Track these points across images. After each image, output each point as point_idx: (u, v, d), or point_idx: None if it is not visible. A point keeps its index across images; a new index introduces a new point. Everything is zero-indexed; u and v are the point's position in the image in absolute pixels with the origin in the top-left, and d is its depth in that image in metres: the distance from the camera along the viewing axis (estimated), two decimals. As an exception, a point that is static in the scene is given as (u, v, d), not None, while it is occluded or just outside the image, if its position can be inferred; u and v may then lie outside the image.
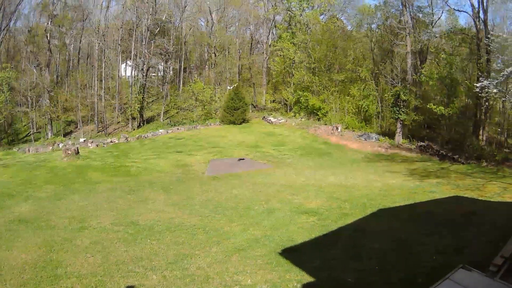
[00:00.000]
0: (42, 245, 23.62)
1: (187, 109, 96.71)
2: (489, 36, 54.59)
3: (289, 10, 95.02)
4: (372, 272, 18.78)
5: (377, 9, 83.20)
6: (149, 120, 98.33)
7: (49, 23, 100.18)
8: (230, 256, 21.62)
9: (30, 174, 49.11)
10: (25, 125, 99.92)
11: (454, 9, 71.59)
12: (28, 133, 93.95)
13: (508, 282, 14.23)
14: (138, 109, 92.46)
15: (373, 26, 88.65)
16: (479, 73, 57.51)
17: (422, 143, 61.87)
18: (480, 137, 60.30)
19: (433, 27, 73.34)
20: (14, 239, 24.70)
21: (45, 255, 22.20)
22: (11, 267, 20.49)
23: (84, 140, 76.16)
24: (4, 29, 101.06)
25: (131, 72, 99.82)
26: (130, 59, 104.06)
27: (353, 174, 44.55)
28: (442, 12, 74.63)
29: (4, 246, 23.46)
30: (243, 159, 51.66)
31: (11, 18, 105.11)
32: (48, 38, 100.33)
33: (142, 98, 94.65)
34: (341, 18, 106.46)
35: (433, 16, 74.14)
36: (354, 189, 36.21)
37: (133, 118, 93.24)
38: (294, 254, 21.42)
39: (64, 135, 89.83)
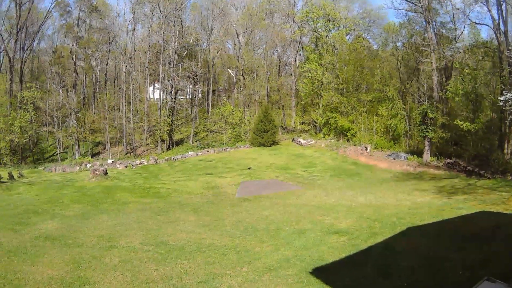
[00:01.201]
0: (69, 261, 23.64)
1: (216, 132, 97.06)
2: (510, 48, 54.80)
3: (315, 31, 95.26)
4: None
5: (401, 26, 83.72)
6: (179, 143, 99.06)
7: (74, 44, 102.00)
8: (261, 276, 21.50)
9: (57, 193, 50.02)
10: (51, 145, 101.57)
11: (475, 22, 71.60)
12: (55, 153, 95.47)
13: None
14: (167, 131, 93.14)
15: (399, 44, 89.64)
16: (502, 86, 57.95)
17: (449, 160, 61.85)
18: (505, 150, 60.07)
19: (456, 42, 73.44)
20: (40, 255, 24.77)
21: (72, 271, 22.25)
22: (36, 281, 20.57)
23: (113, 161, 77.32)
24: (27, 49, 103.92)
25: (160, 95, 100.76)
26: (158, 81, 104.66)
27: (383, 193, 44.70)
28: (464, 26, 74.48)
29: (29, 261, 23.55)
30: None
31: (34, 38, 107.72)
32: (74, 60, 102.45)
33: (171, 120, 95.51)
34: (367, 37, 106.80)
35: (455, 31, 74.42)
36: (383, 208, 36.14)
37: (162, 141, 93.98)
38: (325, 273, 21.30)
39: (92, 156, 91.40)
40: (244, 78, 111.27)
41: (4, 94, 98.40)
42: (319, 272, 21.24)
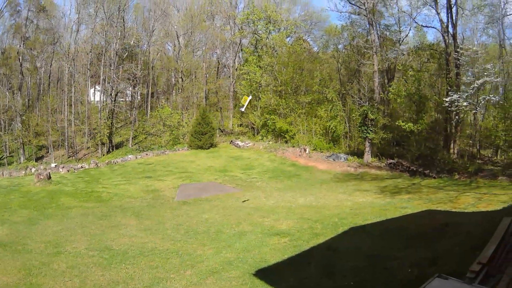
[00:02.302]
0: (21, 268, 23.62)
1: (155, 134, 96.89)
2: (458, 50, 55.93)
3: (255, 34, 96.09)
4: None
5: (344, 29, 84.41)
6: (118, 146, 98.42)
7: (22, 45, 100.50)
8: (204, 279, 21.70)
9: (5, 198, 49.11)
10: None
11: (422, 25, 72.06)
12: (1, 157, 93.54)
13: (487, 287, 14.31)
14: (107, 134, 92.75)
15: (340, 46, 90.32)
16: (448, 88, 59.04)
17: (391, 161, 62.73)
18: (452, 150, 61.24)
19: (400, 44, 74.25)
20: None
21: (24, 278, 22.27)
22: None
23: (56, 165, 76.09)
24: None
25: (100, 97, 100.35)
26: (99, 84, 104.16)
27: (323, 194, 45.05)
28: (410, 29, 75.27)
29: None
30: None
31: None
32: (20, 61, 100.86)
33: (111, 123, 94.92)
34: (308, 39, 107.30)
35: (400, 33, 75.22)
36: (324, 209, 36.45)
37: (103, 144, 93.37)
38: (268, 275, 21.53)
39: (36, 160, 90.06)
40: (183, 80, 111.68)
41: None
42: (262, 274, 21.49)
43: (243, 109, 71.37)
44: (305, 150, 71.27)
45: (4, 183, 60.98)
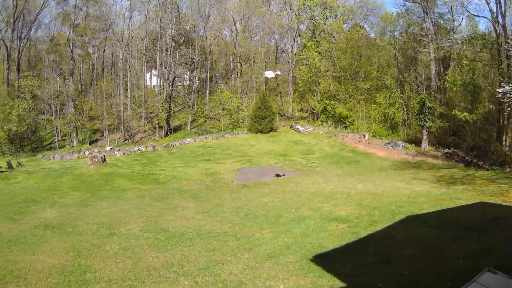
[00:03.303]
0: (69, 250, 24.04)
1: (214, 118, 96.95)
2: (508, 41, 54.47)
3: (312, 19, 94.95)
4: (402, 277, 18.96)
5: (399, 16, 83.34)
6: (176, 129, 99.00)
7: (71, 32, 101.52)
8: (262, 263, 21.83)
9: (56, 181, 50.43)
10: (49, 133, 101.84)
11: (473, 14, 71.37)
12: (53, 141, 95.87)
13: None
14: (165, 118, 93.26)
15: (396, 33, 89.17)
16: (501, 79, 57.74)
17: (447, 150, 61.72)
18: (504, 142, 59.86)
19: (454, 33, 73.35)
20: (40, 244, 25.18)
21: (73, 260, 22.56)
22: (36, 271, 20.79)
23: (111, 148, 77.44)
24: (24, 38, 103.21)
25: (157, 81, 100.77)
26: (155, 68, 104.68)
27: (381, 181, 44.67)
28: (462, 18, 74.00)
29: (29, 250, 23.85)
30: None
31: (31, 27, 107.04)
32: (71, 47, 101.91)
33: (169, 107, 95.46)
34: (364, 26, 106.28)
35: (453, 22, 74.38)
36: (382, 197, 36.39)
37: (160, 127, 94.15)
38: (326, 260, 21.56)
39: (90, 143, 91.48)
40: (241, 65, 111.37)
41: (2, 83, 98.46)
42: (319, 260, 21.52)
43: (271, 75, 71.86)
44: (364, 136, 70.75)
45: (55, 166, 62.54)
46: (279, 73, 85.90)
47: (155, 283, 19.74)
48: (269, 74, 70.62)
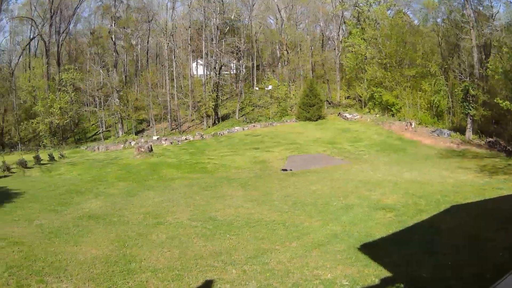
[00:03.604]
0: (114, 240, 24.55)
1: (262, 106, 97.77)
2: None
3: (356, 6, 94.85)
4: (446, 267, 19.13)
5: (441, 2, 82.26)
6: (224, 118, 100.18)
7: (113, 25, 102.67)
8: (310, 251, 22.07)
9: (101, 172, 51.94)
10: (93, 124, 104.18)
11: (510, 1, 71.01)
12: (97, 132, 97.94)
13: None
14: (213, 106, 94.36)
15: (438, 20, 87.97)
16: None
17: (490, 139, 61.44)
18: None
19: (494, 20, 72.70)
20: (83, 234, 25.71)
21: (117, 250, 22.94)
22: (78, 262, 20.91)
23: (158, 138, 78.42)
24: (63, 32, 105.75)
25: (204, 71, 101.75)
26: (201, 58, 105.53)
27: (427, 170, 44.82)
28: (500, 5, 74.03)
29: (71, 241, 24.28)
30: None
31: (70, 21, 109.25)
32: (113, 40, 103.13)
33: (216, 96, 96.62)
34: (407, 13, 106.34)
35: (492, 9, 73.53)
36: (428, 185, 36.46)
37: (208, 116, 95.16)
38: (373, 249, 21.83)
39: (136, 133, 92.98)
40: (288, 53, 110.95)
41: (42, 77, 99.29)
42: (366, 249, 21.94)
43: (268, 88, 73.11)
44: (410, 124, 71.10)
45: (100, 157, 63.88)
46: (270, 88, 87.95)
47: (202, 272, 20.07)
48: (267, 87, 72.07)
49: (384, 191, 34.80)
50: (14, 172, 54.28)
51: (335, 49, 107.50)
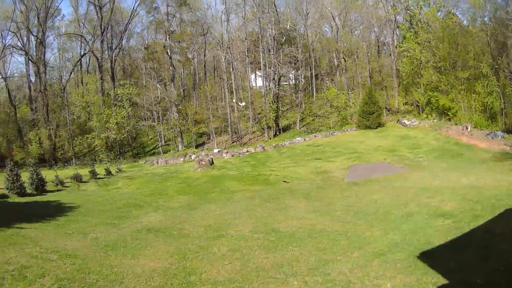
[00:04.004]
0: (174, 253, 24.91)
1: (322, 116, 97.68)
2: None
3: (408, 9, 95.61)
4: (499, 273, 19.53)
5: (486, 1, 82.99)
6: (285, 129, 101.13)
7: (167, 39, 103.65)
8: (370, 261, 22.48)
9: (160, 185, 53.33)
10: (151, 139, 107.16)
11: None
12: (156, 146, 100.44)
13: None
14: (273, 118, 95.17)
15: (486, 19, 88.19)
16: None
17: None
18: None
19: None
20: (141, 247, 26.10)
21: (177, 263, 23.30)
22: (136, 275, 21.34)
23: (219, 151, 79.94)
24: (115, 48, 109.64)
25: (263, 82, 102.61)
26: (259, 69, 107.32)
27: (483, 174, 44.94)
28: None
29: (129, 254, 24.69)
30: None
31: (122, 37, 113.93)
32: (169, 54, 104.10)
33: (277, 107, 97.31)
34: (456, 13, 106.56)
35: None
36: (484, 190, 36.73)
37: (269, 127, 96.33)
38: (431, 257, 22.12)
39: (196, 147, 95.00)
40: (345, 61, 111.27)
41: (96, 93, 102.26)
42: (425, 257, 22.27)
43: (242, 104, 74.55)
44: (466, 128, 70.75)
45: (159, 171, 65.55)
46: (241, 104, 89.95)
47: (263, 284, 20.49)
48: (240, 103, 73.92)
49: (443, 198, 35.06)
50: (68, 186, 56.23)
51: (390, 54, 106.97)
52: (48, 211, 38.76)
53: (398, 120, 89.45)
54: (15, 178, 50.08)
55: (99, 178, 61.98)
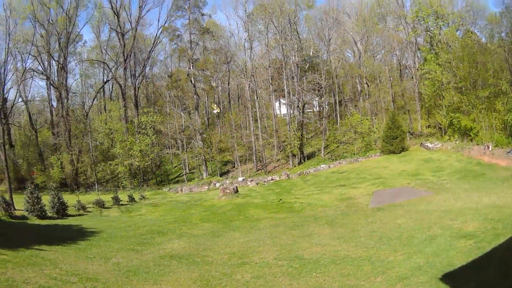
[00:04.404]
0: (197, 279, 24.77)
1: (347, 142, 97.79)
2: None
3: (428, 31, 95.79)
4: None
5: (502, 16, 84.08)
6: (310, 156, 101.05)
7: (191, 67, 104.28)
8: (394, 285, 22.36)
9: (184, 213, 53.55)
10: (175, 166, 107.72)
11: None
12: (180, 174, 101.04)
13: None
14: (298, 145, 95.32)
15: (503, 34, 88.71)
16: None
17: None
18: None
19: None
20: (164, 274, 25.99)
21: None
22: None
23: (243, 179, 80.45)
24: (139, 76, 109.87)
25: (287, 110, 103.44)
26: (283, 96, 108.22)
27: (504, 193, 44.44)
28: None
29: (151, 280, 24.68)
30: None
31: (145, 64, 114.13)
32: (193, 82, 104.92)
33: (301, 134, 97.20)
34: (474, 31, 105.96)
35: None
36: (505, 208, 36.11)
37: (293, 155, 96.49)
38: (453, 279, 21.95)
39: (221, 175, 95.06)
40: (368, 86, 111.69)
41: (119, 120, 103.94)
42: (448, 279, 21.89)
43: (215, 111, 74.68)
44: (488, 147, 70.31)
45: (183, 198, 65.79)
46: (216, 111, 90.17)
47: None
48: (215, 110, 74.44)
49: (465, 219, 34.41)
50: (90, 211, 56.80)
51: (412, 77, 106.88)
52: (69, 235, 39.57)
53: (421, 143, 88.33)
54: (35, 200, 50.66)
55: (122, 204, 62.62)
